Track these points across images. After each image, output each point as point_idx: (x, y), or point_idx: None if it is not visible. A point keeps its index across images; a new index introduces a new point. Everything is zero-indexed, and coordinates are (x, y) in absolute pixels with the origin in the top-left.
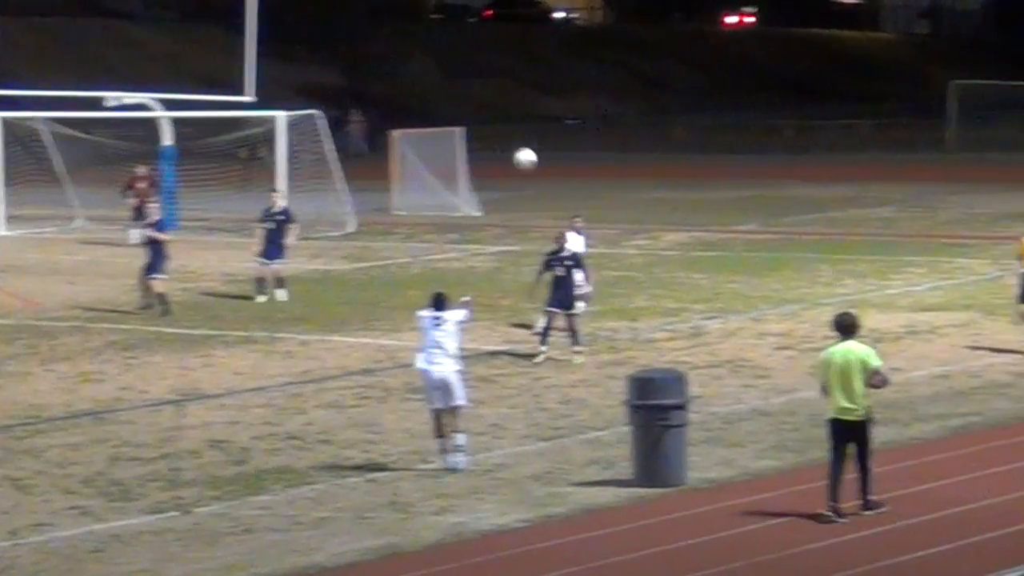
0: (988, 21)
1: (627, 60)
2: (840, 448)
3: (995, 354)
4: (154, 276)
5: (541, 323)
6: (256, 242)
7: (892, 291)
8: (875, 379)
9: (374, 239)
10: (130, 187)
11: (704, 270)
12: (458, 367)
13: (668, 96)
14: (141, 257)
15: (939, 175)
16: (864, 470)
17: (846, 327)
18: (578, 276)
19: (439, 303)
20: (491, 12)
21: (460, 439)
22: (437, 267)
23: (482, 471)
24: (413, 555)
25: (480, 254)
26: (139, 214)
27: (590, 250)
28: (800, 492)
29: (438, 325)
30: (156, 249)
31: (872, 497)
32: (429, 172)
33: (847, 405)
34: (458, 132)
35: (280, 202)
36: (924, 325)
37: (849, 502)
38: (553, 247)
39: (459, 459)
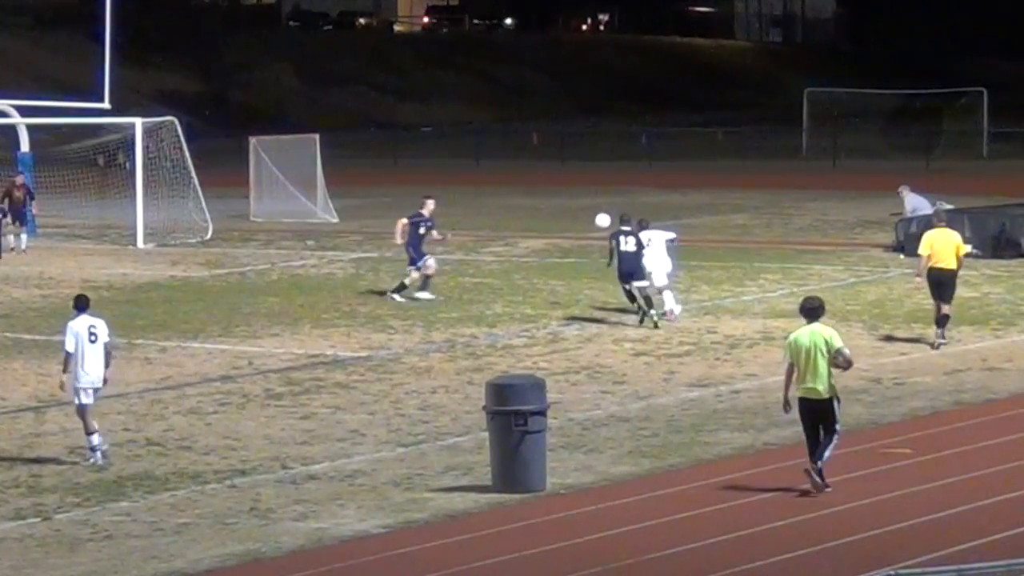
0: (841, 30)
1: (482, 67)
2: (809, 427)
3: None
4: None
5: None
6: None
7: (747, 298)
8: (838, 359)
9: (232, 245)
10: (8, 194)
11: (561, 277)
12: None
13: (524, 103)
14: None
15: (794, 182)
16: (827, 443)
17: (811, 310)
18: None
19: (82, 304)
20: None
21: (96, 439)
22: (296, 273)
23: (342, 477)
24: (274, 561)
25: (338, 260)
26: (15, 220)
27: None
28: (657, 497)
29: (94, 341)
30: None
31: (822, 476)
32: (286, 179)
33: (812, 385)
34: (315, 139)
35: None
36: (779, 331)
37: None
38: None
39: (97, 455)
